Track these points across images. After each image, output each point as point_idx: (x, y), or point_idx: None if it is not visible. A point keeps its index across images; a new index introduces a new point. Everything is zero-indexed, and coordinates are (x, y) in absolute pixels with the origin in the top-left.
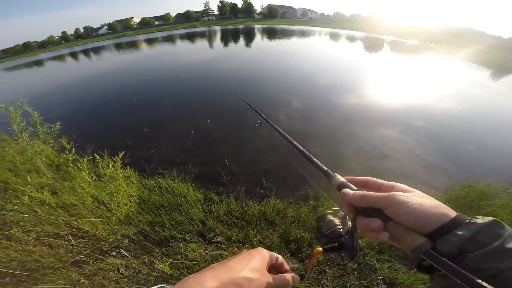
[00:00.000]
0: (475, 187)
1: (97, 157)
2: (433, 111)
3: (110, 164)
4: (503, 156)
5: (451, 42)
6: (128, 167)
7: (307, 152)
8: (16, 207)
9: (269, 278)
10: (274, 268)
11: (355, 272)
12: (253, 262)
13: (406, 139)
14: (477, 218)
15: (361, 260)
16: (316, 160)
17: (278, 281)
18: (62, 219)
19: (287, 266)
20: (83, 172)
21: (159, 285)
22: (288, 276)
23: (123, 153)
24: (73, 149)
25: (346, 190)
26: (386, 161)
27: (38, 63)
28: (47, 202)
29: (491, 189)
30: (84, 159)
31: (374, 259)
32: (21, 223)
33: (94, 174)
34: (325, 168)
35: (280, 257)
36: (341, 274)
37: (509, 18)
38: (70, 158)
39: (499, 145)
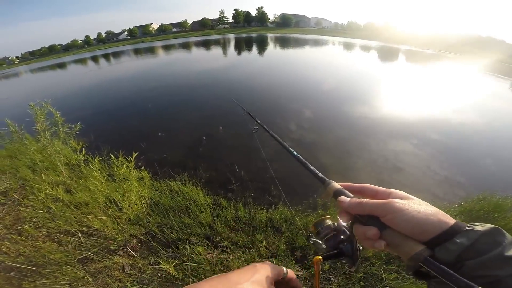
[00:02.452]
0: (490, 200)
1: (112, 156)
2: (450, 123)
3: (124, 164)
4: None
5: (470, 52)
6: (142, 168)
7: (302, 159)
8: (32, 203)
9: None
10: (282, 284)
11: (361, 282)
12: (257, 275)
13: (420, 153)
14: (477, 226)
15: (367, 270)
16: (312, 167)
17: None
18: (74, 217)
19: (297, 282)
20: (95, 171)
21: None
22: None
23: (136, 153)
24: (84, 149)
25: (342, 197)
26: (399, 175)
27: (62, 65)
28: (61, 199)
29: (506, 202)
30: (96, 159)
31: (381, 269)
32: (34, 219)
33: (107, 174)
34: (321, 174)
35: (290, 271)
36: (346, 283)
37: None
38: (82, 158)
39: None
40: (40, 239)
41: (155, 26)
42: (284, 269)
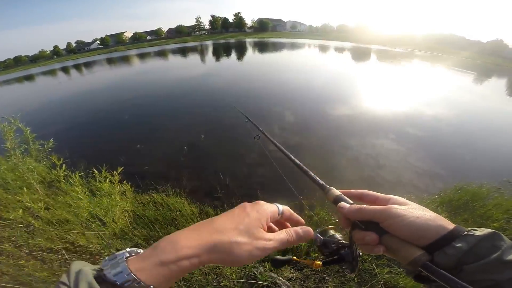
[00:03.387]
0: (467, 189)
1: (95, 171)
2: (423, 118)
3: (108, 179)
4: (493, 157)
5: (435, 49)
6: (124, 182)
7: (303, 166)
8: (11, 217)
9: (266, 240)
10: (280, 225)
11: (355, 278)
12: (246, 220)
13: (399, 147)
14: (476, 230)
15: (360, 266)
16: (313, 174)
17: (277, 242)
18: (56, 234)
19: (297, 218)
20: (75, 187)
21: (131, 249)
22: (290, 231)
23: (122, 168)
24: (64, 165)
25: (342, 204)
26: (381, 170)
27: (29, 78)
28: (41, 215)
29: (483, 190)
30: (76, 175)
31: (374, 264)
32: (12, 238)
33: (87, 189)
34: (321, 181)
35: (285, 208)
36: (341, 281)
37: (486, 23)
38: (62, 174)
39: (488, 147)
40: (23, 258)
41: (128, 34)
42: (279, 207)
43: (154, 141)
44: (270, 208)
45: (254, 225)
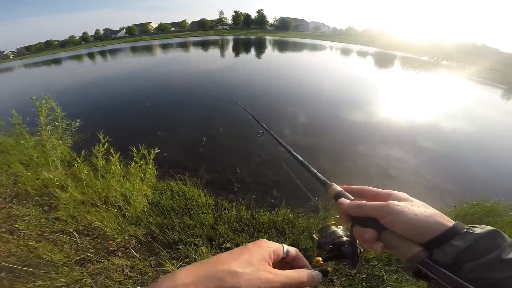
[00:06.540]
0: (483, 205)
1: (133, 149)
2: (441, 131)
3: (141, 159)
4: None
5: (464, 59)
6: (151, 165)
7: (305, 162)
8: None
9: (271, 273)
10: (287, 264)
11: (364, 282)
12: (247, 255)
13: (412, 160)
14: (476, 227)
15: (369, 271)
16: (314, 170)
17: (286, 278)
18: (78, 211)
19: (304, 262)
20: (113, 166)
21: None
22: (302, 272)
23: (158, 150)
24: (107, 144)
25: (343, 200)
26: (391, 181)
27: (57, 61)
28: (59, 195)
29: (500, 207)
30: (116, 156)
31: (382, 270)
32: (26, 218)
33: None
34: (322, 177)
35: (293, 250)
36: (349, 284)
37: None
38: (101, 152)
39: (509, 167)
40: (33, 239)
41: (154, 25)
42: (285, 247)
43: (174, 129)
44: (273, 245)
45: (256, 258)
